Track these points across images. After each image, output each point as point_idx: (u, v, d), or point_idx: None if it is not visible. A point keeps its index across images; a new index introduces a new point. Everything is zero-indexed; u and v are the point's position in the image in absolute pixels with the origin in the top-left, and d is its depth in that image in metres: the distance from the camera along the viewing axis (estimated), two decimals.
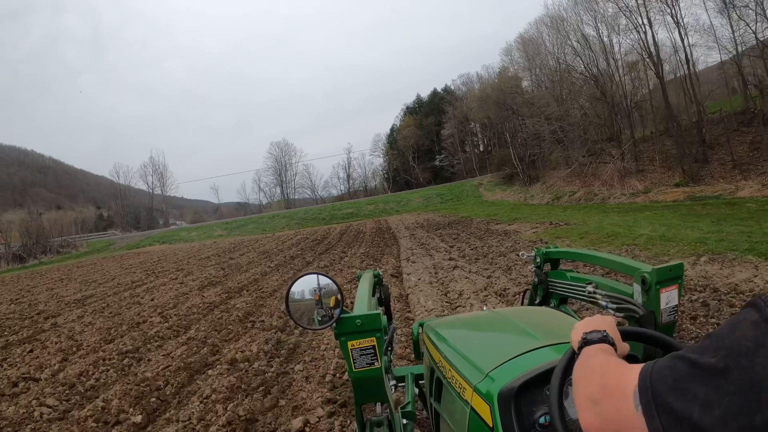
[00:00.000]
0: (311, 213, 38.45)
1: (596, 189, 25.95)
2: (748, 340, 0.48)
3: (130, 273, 15.43)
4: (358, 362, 1.38)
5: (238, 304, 7.60)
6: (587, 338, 0.80)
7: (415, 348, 2.25)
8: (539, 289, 2.42)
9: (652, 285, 1.52)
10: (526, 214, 19.91)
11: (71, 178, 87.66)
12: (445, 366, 1.49)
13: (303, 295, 1.46)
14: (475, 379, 1.26)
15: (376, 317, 1.38)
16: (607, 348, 0.77)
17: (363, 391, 1.51)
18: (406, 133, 64.99)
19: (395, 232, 18.70)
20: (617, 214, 16.08)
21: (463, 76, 64.67)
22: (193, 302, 8.24)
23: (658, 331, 1.15)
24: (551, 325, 1.63)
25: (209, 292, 9.16)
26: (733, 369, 0.48)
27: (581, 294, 1.99)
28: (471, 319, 2.16)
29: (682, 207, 16.63)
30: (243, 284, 9.57)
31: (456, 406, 1.35)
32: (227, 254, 18.24)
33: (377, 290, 2.58)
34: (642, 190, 24.12)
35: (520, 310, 2.15)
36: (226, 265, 13.97)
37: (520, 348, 1.30)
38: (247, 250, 19.06)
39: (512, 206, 26.65)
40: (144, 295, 9.96)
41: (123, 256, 26.14)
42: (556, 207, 24.10)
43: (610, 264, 1.93)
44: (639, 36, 28.66)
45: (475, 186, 39.60)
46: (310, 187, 68.14)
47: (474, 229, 15.86)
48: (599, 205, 22.14)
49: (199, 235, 35.07)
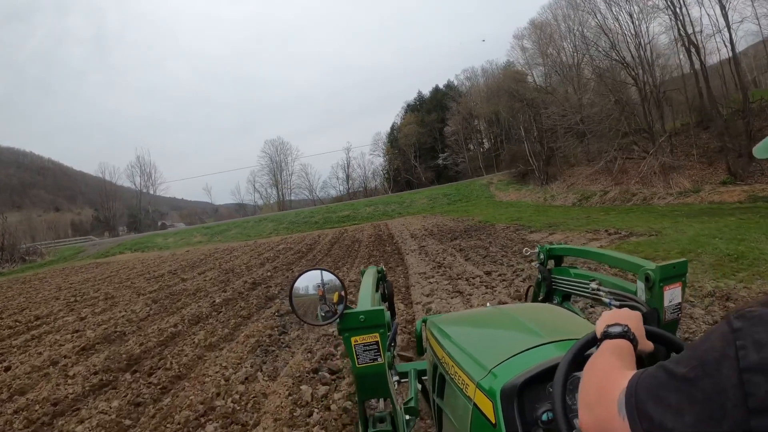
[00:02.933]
0: (303, 216, 34.35)
1: (633, 188, 22.16)
2: (716, 351, 0.52)
3: (50, 302, 11.60)
4: (361, 358, 1.35)
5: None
6: (608, 332, 0.81)
7: (419, 344, 2.26)
8: (543, 286, 2.33)
9: (656, 282, 1.49)
10: (559, 218, 16.08)
11: (70, 180, 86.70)
12: (448, 362, 1.47)
13: (307, 291, 1.44)
14: (478, 376, 1.23)
15: (379, 313, 1.35)
16: (623, 346, 0.78)
17: (366, 387, 1.49)
18: (407, 131, 62.08)
19: (399, 242, 14.88)
20: (689, 219, 12.22)
21: (467, 71, 61.49)
22: (30, 397, 4.41)
23: (661, 328, 1.10)
24: (554, 321, 1.61)
25: (81, 366, 5.32)
26: (702, 378, 0.51)
27: (585, 291, 1.92)
28: (474, 316, 2.17)
29: (762, 209, 12.90)
30: (146, 348, 5.72)
31: (459, 402, 1.33)
32: (185, 271, 14.45)
33: (381, 286, 2.49)
34: (691, 189, 20.28)
35: (523, 306, 2.11)
36: (168, 293, 10.15)
37: (523, 345, 1.28)
38: (212, 265, 15.23)
39: (535, 208, 22.80)
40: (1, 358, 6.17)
41: (77, 269, 22.36)
42: (590, 209, 20.23)
43: (613, 261, 1.89)
44: (672, 13, 25.01)
45: (485, 185, 35.75)
46: (308, 187, 64.99)
47: (503, 239, 12.03)
48: (646, 207, 18.28)
49: (176, 241, 31.13)
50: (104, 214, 59.83)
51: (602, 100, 30.19)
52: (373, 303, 1.65)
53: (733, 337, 0.51)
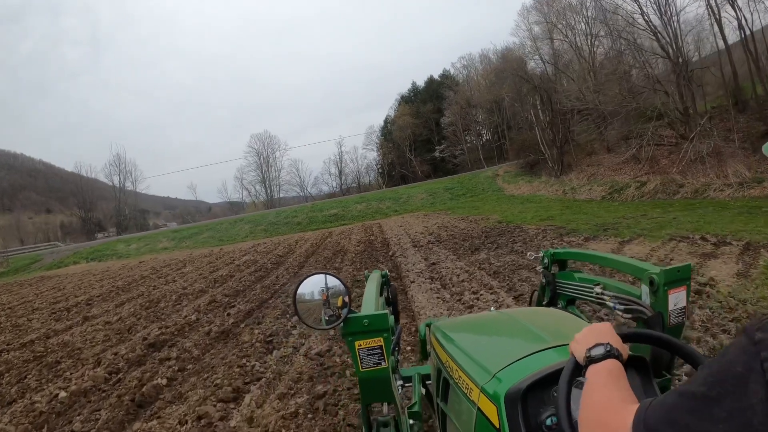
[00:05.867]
0: (284, 216, 29.92)
1: (677, 178, 18.37)
2: (738, 365, 0.48)
3: None
4: (365, 362, 1.35)
5: None
6: (592, 356, 0.77)
7: (422, 348, 2.25)
8: (547, 290, 2.30)
9: (660, 286, 1.48)
10: (605, 217, 12.24)
11: (62, 181, 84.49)
12: (452, 366, 1.46)
13: (312, 296, 1.43)
14: (482, 380, 1.23)
15: (383, 317, 1.35)
16: (612, 367, 0.74)
17: (370, 391, 1.49)
18: (401, 123, 58.56)
19: (396, 253, 10.95)
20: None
21: (464, 58, 57.98)
22: None
23: (666, 333, 1.07)
24: (559, 326, 1.57)
25: None
26: (725, 396, 0.48)
27: (589, 295, 1.91)
28: (478, 320, 2.12)
29: None
30: None
31: (463, 407, 1.32)
32: (104, 300, 10.49)
33: (384, 290, 2.46)
34: (752, 179, 16.49)
35: (527, 310, 2.08)
36: (56, 344, 6.20)
37: (527, 349, 1.26)
38: (143, 290, 11.22)
39: (560, 204, 18.90)
40: None
41: (10, 286, 18.31)
42: (632, 205, 16.39)
43: (618, 265, 1.88)
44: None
45: (491, 177, 31.81)
46: (299, 184, 61.18)
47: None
48: (708, 202, 14.44)
49: (139, 248, 26.80)
50: (86, 215, 56.35)
51: (621, 79, 26.43)
52: (377, 307, 1.65)
53: (755, 349, 0.47)
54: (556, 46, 33.26)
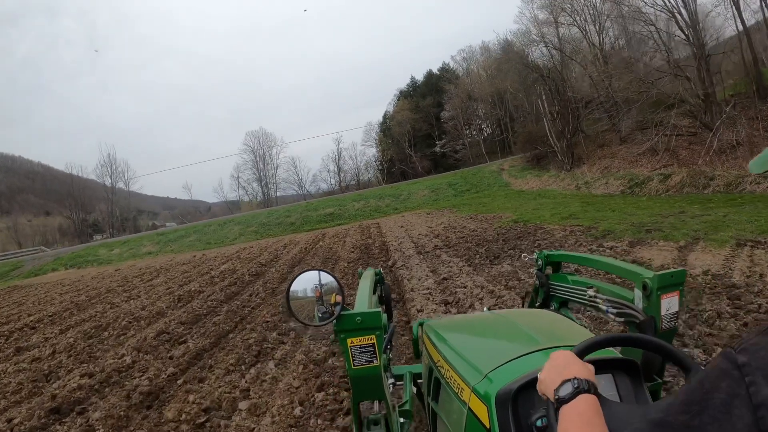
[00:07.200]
0: (276, 216, 28.05)
1: (705, 170, 16.68)
2: (721, 391, 0.47)
3: None
4: (357, 360, 1.33)
5: None
6: (562, 397, 0.71)
7: (415, 347, 2.20)
8: (540, 292, 2.28)
9: (653, 291, 1.47)
10: (640, 215, 10.55)
11: (60, 183, 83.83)
12: (444, 366, 1.45)
13: (305, 292, 1.42)
14: (473, 380, 1.22)
15: (376, 315, 1.33)
16: (585, 407, 0.67)
17: (361, 389, 1.45)
18: (400, 118, 57.12)
19: (397, 261, 9.25)
20: None
21: (464, 51, 56.30)
22: None
23: (658, 337, 1.06)
24: (551, 328, 1.58)
25: None
26: (709, 423, 0.46)
27: (582, 298, 1.90)
28: (471, 320, 2.11)
29: None
30: None
31: (453, 406, 1.32)
32: (54, 322, 8.85)
33: (378, 288, 2.45)
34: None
35: (520, 312, 2.08)
36: None
37: (519, 350, 1.26)
38: (106, 305, 9.57)
39: (578, 199, 17.16)
40: None
41: None
42: (663, 200, 14.68)
43: (612, 268, 1.83)
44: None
45: (496, 172, 30.06)
46: (297, 182, 59.59)
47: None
48: (750, 197, 12.71)
49: (122, 253, 25.02)
50: (79, 217, 55.15)
51: (636, 65, 24.70)
52: (371, 305, 1.64)
53: (739, 373, 0.46)
54: (562, 32, 31.49)
